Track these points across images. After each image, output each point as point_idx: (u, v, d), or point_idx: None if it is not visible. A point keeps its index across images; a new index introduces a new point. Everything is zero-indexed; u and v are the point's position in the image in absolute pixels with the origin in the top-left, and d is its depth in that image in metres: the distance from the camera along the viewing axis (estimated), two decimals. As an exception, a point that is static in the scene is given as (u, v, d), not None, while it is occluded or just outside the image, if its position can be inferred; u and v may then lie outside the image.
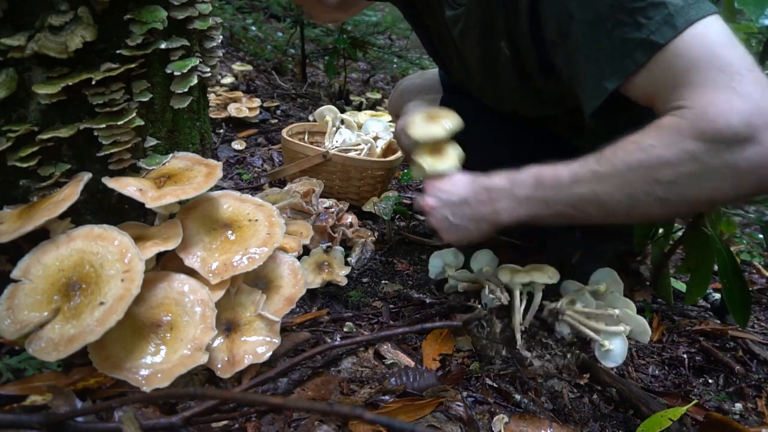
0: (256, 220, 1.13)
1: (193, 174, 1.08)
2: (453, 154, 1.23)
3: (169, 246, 1.01)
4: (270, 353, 1.04)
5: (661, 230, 1.58)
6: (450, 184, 1.12)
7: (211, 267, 1.04)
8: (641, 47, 0.88)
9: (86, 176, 1.02)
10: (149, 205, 1.00)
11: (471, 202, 1.08)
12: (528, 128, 1.43)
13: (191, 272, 1.03)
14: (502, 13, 1.13)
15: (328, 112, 2.19)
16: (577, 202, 0.95)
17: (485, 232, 1.09)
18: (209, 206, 1.13)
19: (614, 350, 1.23)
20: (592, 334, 1.23)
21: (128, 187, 1.02)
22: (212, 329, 0.97)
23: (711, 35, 0.85)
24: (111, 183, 1.03)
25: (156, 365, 0.91)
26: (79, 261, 0.93)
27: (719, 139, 0.80)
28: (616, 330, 1.23)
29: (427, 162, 1.21)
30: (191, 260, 1.04)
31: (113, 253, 0.94)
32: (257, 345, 1.05)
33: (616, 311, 1.24)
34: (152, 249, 0.99)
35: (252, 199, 1.18)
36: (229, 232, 1.10)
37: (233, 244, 1.08)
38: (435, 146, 1.24)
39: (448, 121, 1.25)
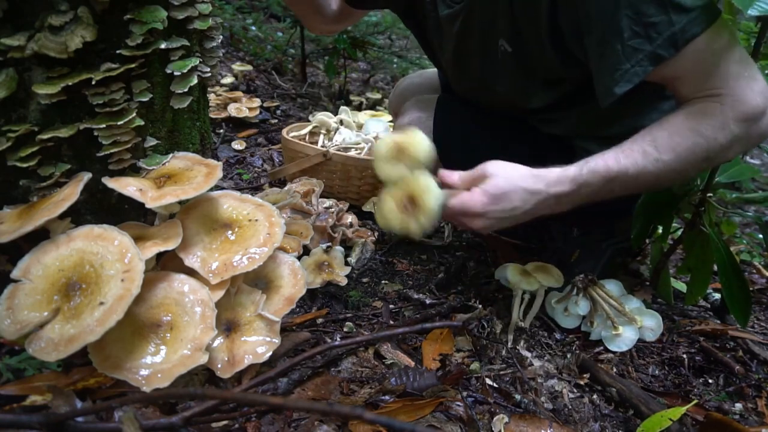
0: (256, 220, 1.13)
1: (193, 174, 1.08)
2: (428, 199, 1.06)
3: (169, 246, 1.01)
4: (270, 353, 1.04)
5: (660, 229, 1.58)
6: (505, 201, 1.07)
7: (211, 267, 1.04)
8: (649, 58, 1.04)
9: (86, 176, 1.02)
10: (149, 205, 1.00)
11: (531, 210, 1.09)
12: (508, 122, 1.47)
13: (191, 272, 1.03)
14: (506, 12, 1.20)
15: (325, 117, 2.21)
16: (638, 186, 1.12)
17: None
18: (209, 206, 1.13)
19: (623, 336, 1.32)
20: (610, 312, 1.32)
21: (128, 187, 1.02)
22: (212, 329, 0.97)
23: (714, 44, 1.03)
24: (111, 183, 1.03)
25: (156, 365, 0.91)
26: (79, 261, 0.93)
27: (750, 118, 1.04)
28: (633, 318, 1.34)
29: (396, 219, 1.09)
30: (191, 260, 1.04)
31: (113, 253, 0.94)
32: (257, 345, 1.05)
33: (635, 305, 1.38)
34: (152, 249, 0.99)
35: (252, 199, 1.18)
36: (229, 232, 1.10)
37: (233, 244, 1.08)
38: (405, 184, 1.11)
39: (419, 151, 1.10)
